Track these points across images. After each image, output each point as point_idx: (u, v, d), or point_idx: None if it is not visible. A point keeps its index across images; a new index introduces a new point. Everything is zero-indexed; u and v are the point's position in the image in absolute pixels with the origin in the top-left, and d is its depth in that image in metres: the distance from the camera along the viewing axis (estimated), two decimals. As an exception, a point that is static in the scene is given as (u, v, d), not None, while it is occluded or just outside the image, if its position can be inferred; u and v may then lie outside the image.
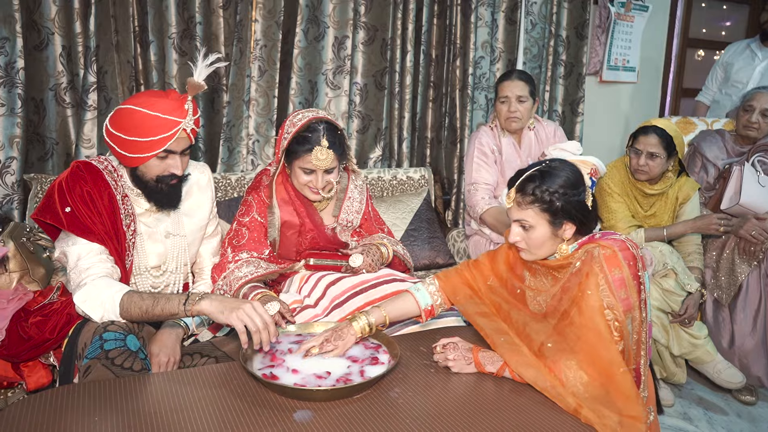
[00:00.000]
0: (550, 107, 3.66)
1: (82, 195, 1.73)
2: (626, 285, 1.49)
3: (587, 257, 1.53)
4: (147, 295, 1.65)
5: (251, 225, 2.10)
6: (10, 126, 2.38)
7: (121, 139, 1.74)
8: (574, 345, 1.48)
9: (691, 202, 2.70)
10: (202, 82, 1.78)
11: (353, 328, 1.65)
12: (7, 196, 2.43)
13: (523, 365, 1.51)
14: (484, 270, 1.81)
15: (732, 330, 2.74)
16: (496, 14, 3.39)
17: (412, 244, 2.87)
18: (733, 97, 3.76)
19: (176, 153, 1.79)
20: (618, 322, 1.47)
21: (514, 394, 1.50)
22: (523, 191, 1.57)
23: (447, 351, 1.60)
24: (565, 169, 1.57)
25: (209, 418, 1.34)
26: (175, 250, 1.94)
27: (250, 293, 1.93)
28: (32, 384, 1.84)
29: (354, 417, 1.36)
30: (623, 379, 1.43)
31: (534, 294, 1.67)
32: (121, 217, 1.79)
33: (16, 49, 2.35)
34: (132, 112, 1.72)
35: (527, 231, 1.58)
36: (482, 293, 1.78)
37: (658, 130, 2.56)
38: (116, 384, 1.47)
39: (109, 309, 1.63)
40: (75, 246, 1.72)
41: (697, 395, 2.72)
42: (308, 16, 2.91)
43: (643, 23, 4.04)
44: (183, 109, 1.75)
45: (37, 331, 1.79)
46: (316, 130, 1.99)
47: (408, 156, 3.32)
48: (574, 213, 1.55)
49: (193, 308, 1.60)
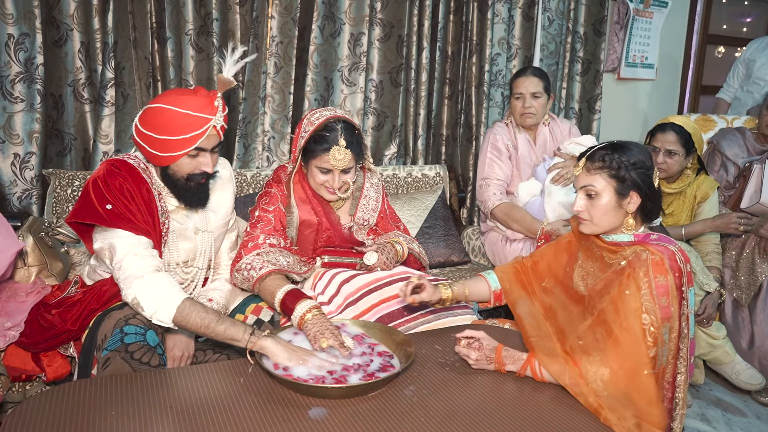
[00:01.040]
0: (567, 104, 3.63)
1: (122, 190, 1.73)
2: (669, 293, 1.47)
3: (634, 258, 1.51)
4: (210, 310, 1.65)
5: (276, 213, 2.07)
6: (30, 121, 2.40)
7: (151, 138, 1.74)
8: (604, 343, 1.47)
9: (709, 200, 2.67)
10: (232, 78, 1.78)
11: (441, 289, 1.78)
12: (26, 190, 2.45)
13: (551, 361, 1.51)
14: (542, 269, 1.83)
15: (752, 331, 2.70)
16: (513, 10, 3.36)
17: (427, 242, 2.87)
18: (755, 95, 3.70)
19: (207, 150, 1.79)
20: (654, 328, 1.44)
21: (531, 393, 1.49)
22: (593, 158, 1.59)
23: (470, 350, 1.59)
24: (637, 147, 1.60)
25: (225, 414, 1.34)
26: (203, 246, 1.95)
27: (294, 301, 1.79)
28: (51, 374, 1.86)
29: (368, 415, 1.36)
30: (648, 382, 1.41)
31: (581, 273, 1.67)
32: (158, 213, 1.80)
33: (36, 45, 2.37)
34: (162, 110, 1.72)
35: (593, 199, 1.59)
36: (536, 295, 1.79)
37: (676, 127, 2.53)
38: (133, 378, 1.48)
39: (165, 308, 1.62)
40: (122, 239, 1.71)
41: (716, 396, 2.68)
42: (324, 12, 2.91)
43: (662, 19, 3.99)
44: (213, 105, 1.74)
45: (60, 321, 1.80)
46: (334, 129, 1.98)
47: (423, 153, 3.30)
48: (641, 185, 1.56)
49: (257, 342, 1.56)
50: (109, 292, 1.81)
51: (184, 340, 1.81)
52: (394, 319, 1.90)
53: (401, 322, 1.90)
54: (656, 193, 1.60)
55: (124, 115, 2.61)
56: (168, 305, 1.63)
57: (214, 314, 1.64)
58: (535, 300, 1.77)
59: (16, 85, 2.37)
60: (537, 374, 1.53)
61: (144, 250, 1.71)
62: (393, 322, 1.88)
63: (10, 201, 2.44)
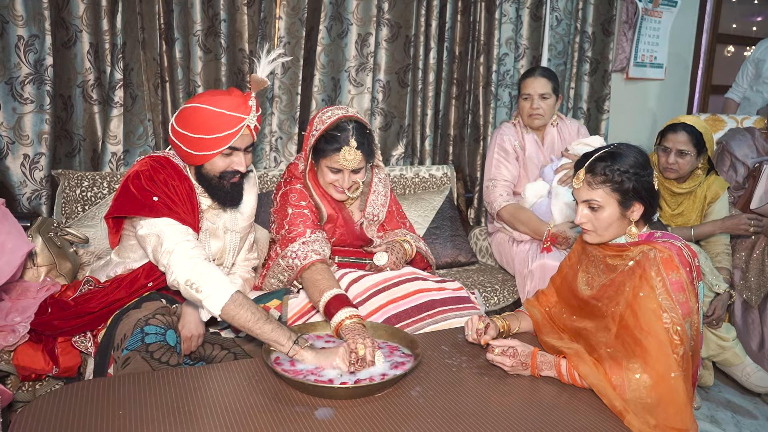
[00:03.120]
0: (575, 104, 3.62)
1: (167, 184, 1.77)
2: (685, 288, 1.45)
3: (642, 258, 1.50)
4: (259, 309, 1.64)
5: (309, 209, 2.06)
6: (39, 122, 2.42)
7: (187, 137, 1.76)
8: (633, 349, 1.45)
9: (720, 201, 2.65)
10: (266, 78, 1.80)
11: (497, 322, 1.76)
12: (36, 191, 2.47)
13: (581, 362, 1.49)
14: (550, 296, 1.84)
15: (762, 332, 2.68)
16: (521, 10, 3.35)
17: (434, 242, 2.86)
18: (764, 94, 3.69)
19: (240, 150, 1.81)
20: (678, 326, 1.43)
21: (539, 394, 1.48)
22: (594, 171, 1.56)
23: (504, 357, 1.56)
24: (634, 151, 1.58)
25: (233, 414, 1.34)
26: (231, 245, 1.98)
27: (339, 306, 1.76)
28: (63, 364, 1.86)
29: (375, 415, 1.36)
30: (676, 384, 1.39)
31: (585, 278, 1.67)
32: (198, 211, 1.83)
33: (45, 46, 2.38)
34: (197, 110, 1.75)
35: (596, 211, 1.57)
36: (556, 318, 1.79)
37: (688, 127, 2.52)
38: (142, 378, 1.49)
39: (220, 294, 1.61)
40: (170, 226, 1.71)
41: (725, 398, 2.66)
42: (332, 13, 2.91)
43: (671, 19, 3.96)
44: (247, 105, 1.76)
45: (81, 305, 1.81)
46: (345, 129, 1.98)
47: (431, 153, 3.30)
48: (643, 193, 1.55)
49: (299, 351, 1.56)
50: (138, 282, 1.82)
51: (193, 321, 1.81)
52: (401, 320, 1.90)
53: (409, 323, 1.90)
54: (657, 195, 1.59)
55: (132, 115, 2.62)
56: (223, 292, 1.62)
57: (263, 313, 1.63)
58: (556, 324, 1.77)
59: (25, 87, 2.38)
60: (564, 377, 1.52)
61: (194, 240, 1.74)
62: (401, 323, 1.89)
63: (19, 201, 2.45)
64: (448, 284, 2.06)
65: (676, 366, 1.40)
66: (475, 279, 2.75)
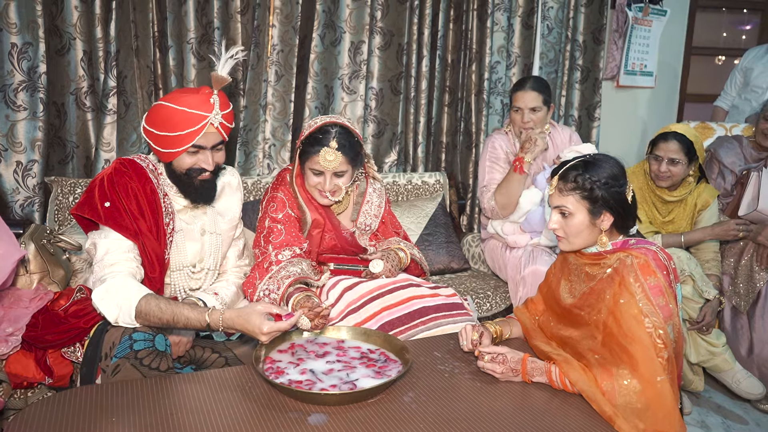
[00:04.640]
0: (566, 112, 3.64)
1: (126, 190, 1.77)
2: (664, 292, 1.48)
3: (619, 265, 1.52)
4: (170, 301, 1.65)
5: (286, 220, 2.08)
6: (32, 129, 2.42)
7: (154, 135, 1.79)
8: (620, 356, 1.47)
9: (710, 209, 2.68)
10: (226, 75, 1.81)
11: (489, 328, 1.77)
12: (29, 198, 2.47)
13: (570, 368, 1.51)
14: (538, 304, 1.86)
15: (751, 338, 2.70)
16: (513, 19, 3.38)
17: (427, 249, 2.87)
18: (752, 102, 3.72)
19: (206, 148, 1.82)
20: (661, 329, 1.45)
21: (530, 399, 1.49)
22: (565, 178, 1.60)
23: (494, 364, 1.58)
24: (609, 162, 1.60)
25: (226, 420, 1.35)
26: (211, 248, 1.97)
27: (295, 293, 1.91)
28: (58, 372, 1.85)
29: (368, 421, 1.36)
30: (663, 388, 1.42)
31: (567, 287, 1.69)
32: (162, 213, 1.83)
33: (39, 53, 2.39)
34: (162, 107, 1.77)
35: (566, 218, 1.60)
36: (544, 327, 1.80)
37: (678, 136, 2.55)
38: (134, 385, 1.49)
39: (125, 311, 1.63)
40: (106, 240, 1.74)
41: (716, 403, 2.68)
42: (325, 21, 2.93)
43: (661, 27, 4.00)
44: (209, 103, 1.77)
45: (74, 317, 1.81)
46: (328, 132, 2.01)
47: (423, 161, 3.32)
48: (613, 204, 1.57)
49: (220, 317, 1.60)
50: None
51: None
52: (395, 327, 1.91)
53: (403, 329, 1.91)
54: (630, 208, 1.61)
55: (125, 123, 2.63)
56: (126, 309, 1.63)
57: (174, 303, 1.65)
58: (545, 331, 1.79)
59: (19, 94, 2.39)
60: (555, 383, 1.53)
61: (121, 254, 1.73)
62: (394, 330, 1.89)
63: (12, 208, 2.45)
64: (442, 290, 2.07)
65: (661, 370, 1.42)
66: (468, 285, 2.76)
